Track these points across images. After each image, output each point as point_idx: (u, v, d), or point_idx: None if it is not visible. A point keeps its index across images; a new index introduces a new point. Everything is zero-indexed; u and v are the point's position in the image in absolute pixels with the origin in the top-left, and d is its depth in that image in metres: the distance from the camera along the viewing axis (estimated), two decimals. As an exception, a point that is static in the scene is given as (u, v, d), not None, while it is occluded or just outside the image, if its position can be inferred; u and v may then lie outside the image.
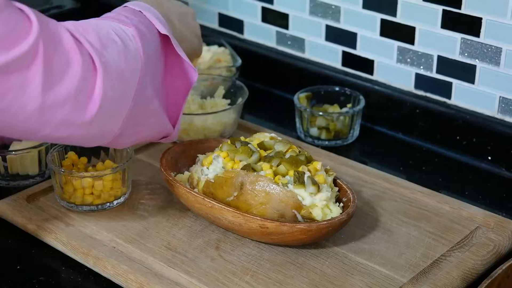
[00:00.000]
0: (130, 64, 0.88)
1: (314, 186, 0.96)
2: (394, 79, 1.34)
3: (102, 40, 0.86)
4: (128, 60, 0.88)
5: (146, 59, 0.91)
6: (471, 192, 1.17)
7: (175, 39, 0.99)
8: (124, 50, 0.88)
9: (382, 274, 0.95)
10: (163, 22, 0.98)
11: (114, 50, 0.87)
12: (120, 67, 0.86)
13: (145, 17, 0.96)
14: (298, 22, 1.44)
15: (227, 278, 0.94)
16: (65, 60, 0.80)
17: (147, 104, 0.92)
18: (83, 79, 0.81)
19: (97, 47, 0.84)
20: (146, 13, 0.96)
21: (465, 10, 1.21)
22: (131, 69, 0.88)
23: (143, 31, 0.93)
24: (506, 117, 1.23)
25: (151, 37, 0.94)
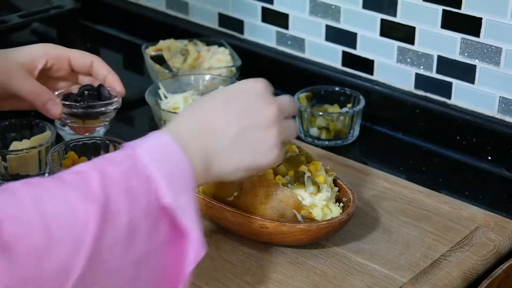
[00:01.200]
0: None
1: (314, 186, 0.96)
2: (394, 79, 1.34)
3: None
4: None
5: (104, 246, 0.65)
6: (471, 192, 1.17)
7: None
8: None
9: (382, 274, 0.95)
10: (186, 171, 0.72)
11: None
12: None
13: (147, 176, 0.69)
14: (298, 22, 1.44)
15: (227, 278, 0.94)
16: None
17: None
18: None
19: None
20: (151, 169, 0.70)
21: (465, 10, 1.21)
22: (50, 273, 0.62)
23: (115, 207, 0.66)
24: (506, 117, 1.23)
25: (137, 208, 0.68)
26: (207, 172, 0.77)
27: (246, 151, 0.80)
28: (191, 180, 0.72)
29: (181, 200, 0.70)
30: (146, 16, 1.69)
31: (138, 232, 0.67)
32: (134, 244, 0.67)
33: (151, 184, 0.69)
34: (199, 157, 0.75)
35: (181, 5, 1.64)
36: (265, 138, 0.81)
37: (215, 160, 0.77)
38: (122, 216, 0.66)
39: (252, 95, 0.83)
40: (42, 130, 1.18)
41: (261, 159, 0.81)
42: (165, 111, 1.24)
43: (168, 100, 1.28)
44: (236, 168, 0.80)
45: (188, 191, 0.71)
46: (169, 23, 1.64)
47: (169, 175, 0.70)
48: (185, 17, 1.64)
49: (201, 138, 0.77)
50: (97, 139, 1.12)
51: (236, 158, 0.79)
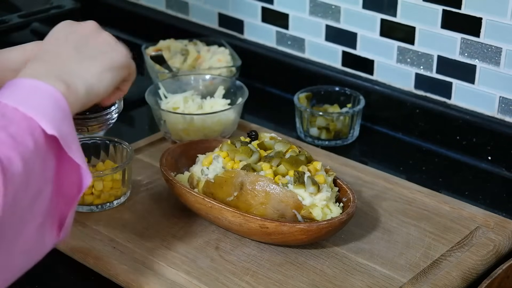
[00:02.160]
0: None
1: (314, 186, 0.96)
2: (394, 79, 1.34)
3: None
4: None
5: (9, 199, 0.67)
6: (471, 192, 1.17)
7: (81, 91, 0.79)
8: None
9: (382, 274, 0.95)
10: (58, 99, 0.75)
11: None
12: None
13: (23, 116, 0.71)
14: (298, 22, 1.44)
15: (227, 278, 0.94)
16: None
17: (6, 252, 0.70)
18: None
19: None
20: (23, 109, 0.72)
21: (465, 10, 1.21)
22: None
23: (7, 160, 0.68)
24: (506, 117, 1.23)
25: (28, 148, 0.70)
26: (75, 89, 0.78)
27: (92, 54, 0.84)
28: (64, 105, 0.75)
29: (63, 129, 0.73)
30: (146, 16, 1.69)
31: (33, 172, 0.70)
32: (31, 185, 0.70)
33: (30, 122, 0.71)
34: (58, 81, 0.77)
35: (181, 5, 1.64)
36: (101, 40, 0.87)
37: (74, 77, 0.79)
38: (17, 166, 0.68)
39: (64, 26, 0.88)
40: (42, 130, 1.18)
41: (112, 55, 0.86)
42: (165, 111, 1.24)
43: (168, 100, 1.28)
44: (96, 71, 0.82)
45: (65, 118, 0.74)
46: (169, 23, 1.64)
47: (42, 108, 0.73)
48: (185, 17, 1.64)
49: (50, 66, 0.80)
50: (97, 139, 1.12)
51: (88, 64, 0.82)
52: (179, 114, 1.23)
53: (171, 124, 1.23)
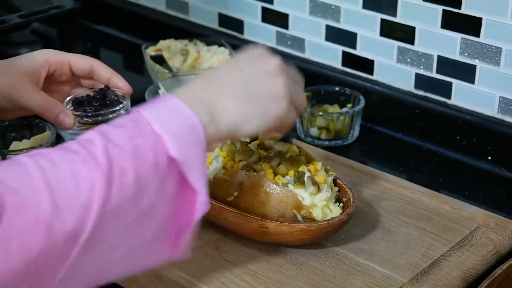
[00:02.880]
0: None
1: (314, 186, 0.96)
2: (394, 79, 1.34)
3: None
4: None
5: (112, 207, 0.67)
6: (471, 192, 1.17)
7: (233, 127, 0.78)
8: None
9: (382, 274, 0.95)
10: (192, 128, 0.73)
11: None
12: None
13: (152, 132, 0.71)
14: (298, 22, 1.44)
15: (227, 278, 0.94)
16: None
17: (100, 258, 0.70)
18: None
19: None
20: (156, 126, 0.72)
21: (465, 10, 1.21)
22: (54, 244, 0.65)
23: (120, 170, 0.68)
24: (506, 117, 1.23)
25: (147, 164, 0.70)
26: (216, 124, 0.77)
27: (252, 99, 0.80)
28: (199, 132, 0.73)
29: (189, 154, 0.72)
30: (146, 16, 1.69)
31: (146, 189, 0.69)
32: (141, 201, 0.69)
33: (157, 139, 0.71)
34: (204, 110, 0.76)
35: (181, 5, 1.64)
36: (270, 85, 0.82)
37: (222, 111, 0.78)
38: (129, 177, 0.68)
39: (253, 53, 0.85)
40: (42, 130, 1.18)
41: (270, 106, 0.81)
42: (165, 111, 1.24)
43: (168, 100, 1.28)
44: (244, 116, 0.80)
45: (196, 144, 0.73)
46: (169, 23, 1.64)
47: (175, 129, 0.72)
48: (185, 17, 1.64)
49: (205, 93, 0.78)
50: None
51: (243, 106, 0.80)
52: (179, 114, 1.23)
53: (171, 124, 1.23)
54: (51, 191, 0.64)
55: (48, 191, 0.64)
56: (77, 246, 0.66)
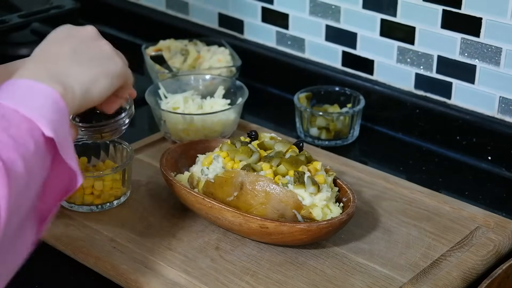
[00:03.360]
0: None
1: (314, 186, 0.96)
2: (394, 79, 1.34)
3: None
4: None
5: (13, 201, 0.67)
6: (471, 192, 1.17)
7: (79, 91, 0.80)
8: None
9: (382, 274, 0.95)
10: (57, 103, 0.75)
11: None
12: None
13: (23, 118, 0.71)
14: (298, 22, 1.44)
15: (227, 278, 0.94)
16: None
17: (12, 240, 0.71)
18: None
19: None
20: (23, 111, 0.71)
21: (465, 10, 1.21)
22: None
23: (10, 160, 0.68)
24: (506, 117, 1.23)
25: (29, 150, 0.70)
26: (71, 91, 0.79)
27: (91, 62, 0.84)
28: (62, 105, 0.75)
29: (60, 131, 0.73)
30: (146, 16, 1.69)
31: (33, 174, 0.70)
32: (32, 186, 0.71)
33: (31, 124, 0.71)
34: (55, 81, 0.77)
35: (181, 5, 1.64)
36: (99, 47, 0.87)
37: (70, 78, 0.80)
38: (19, 165, 0.68)
39: (63, 28, 0.89)
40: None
41: (109, 64, 0.86)
42: (165, 111, 1.24)
43: (168, 100, 1.28)
44: (91, 78, 0.83)
45: (63, 118, 0.75)
46: (169, 23, 1.64)
47: (41, 109, 0.72)
48: (185, 17, 1.64)
49: (47, 66, 0.80)
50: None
51: (86, 69, 0.83)
52: (179, 114, 1.23)
53: (171, 124, 1.23)
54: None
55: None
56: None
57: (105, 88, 0.85)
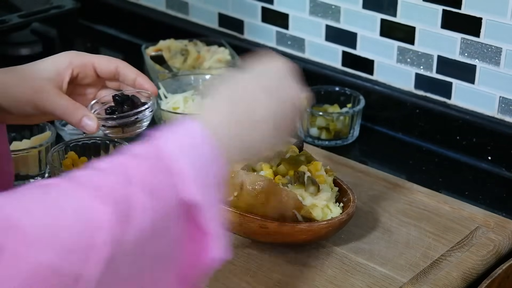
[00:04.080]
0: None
1: (314, 186, 0.96)
2: (394, 79, 1.34)
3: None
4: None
5: (125, 249, 0.61)
6: (471, 192, 1.17)
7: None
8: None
9: (382, 274, 0.95)
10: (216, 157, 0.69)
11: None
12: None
13: (171, 175, 0.66)
14: (298, 22, 1.44)
15: (227, 278, 0.94)
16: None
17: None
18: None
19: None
20: (180, 164, 0.66)
21: (465, 10, 1.21)
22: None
23: (132, 208, 0.62)
24: (506, 117, 1.23)
25: (165, 203, 0.65)
26: (238, 158, 0.74)
27: (275, 134, 0.77)
28: (220, 173, 0.69)
29: (208, 200, 0.67)
30: (146, 16, 1.69)
31: (159, 230, 0.64)
32: (154, 242, 0.64)
33: (175, 179, 0.65)
34: (233, 155, 0.72)
35: (181, 5, 1.64)
36: (293, 121, 0.81)
37: (247, 152, 0.75)
38: (142, 216, 0.62)
39: (274, 72, 0.83)
40: (42, 130, 1.18)
41: (281, 135, 0.79)
42: (165, 111, 1.24)
43: (168, 100, 1.28)
44: (266, 146, 0.76)
45: (214, 186, 0.68)
46: (169, 23, 1.64)
47: (195, 168, 0.66)
48: (185, 17, 1.64)
49: (236, 130, 0.74)
50: (97, 139, 1.12)
51: (266, 142, 0.76)
52: (179, 114, 1.23)
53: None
54: (54, 233, 0.58)
55: (51, 233, 0.58)
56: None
57: (268, 146, 0.77)
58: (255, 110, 0.76)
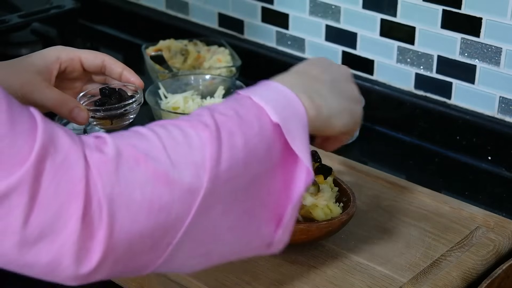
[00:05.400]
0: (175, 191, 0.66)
1: (314, 186, 0.96)
2: (394, 79, 1.34)
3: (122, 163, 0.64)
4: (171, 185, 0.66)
5: (224, 167, 0.68)
6: (471, 192, 1.17)
7: (323, 115, 0.78)
8: (166, 174, 0.65)
9: (382, 274, 0.95)
10: (290, 102, 0.75)
11: (140, 175, 0.64)
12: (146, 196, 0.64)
13: (253, 104, 0.73)
14: (298, 22, 1.44)
15: (227, 278, 0.94)
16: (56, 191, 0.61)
17: (216, 220, 0.70)
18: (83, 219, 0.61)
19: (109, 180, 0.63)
20: (255, 98, 0.73)
21: (465, 10, 1.21)
22: (179, 196, 0.66)
23: (228, 133, 0.69)
24: (506, 117, 1.23)
25: (253, 130, 0.71)
26: (317, 108, 0.78)
27: (343, 96, 0.83)
28: (300, 109, 0.75)
29: (291, 125, 0.73)
30: (146, 16, 1.69)
31: (253, 154, 0.71)
32: (250, 166, 0.70)
33: (260, 109, 0.73)
34: (302, 92, 0.77)
35: (181, 5, 1.64)
36: (352, 88, 0.86)
37: (321, 98, 0.79)
38: (237, 140, 0.70)
39: (323, 59, 0.89)
40: (42, 130, 1.18)
41: (356, 106, 0.85)
42: (165, 111, 1.24)
43: (168, 100, 1.28)
44: (339, 109, 0.81)
45: (297, 118, 0.74)
46: (169, 23, 1.64)
47: (275, 102, 0.73)
48: (185, 17, 1.64)
49: (302, 81, 0.80)
50: (97, 139, 1.12)
51: (338, 99, 0.82)
52: (179, 114, 1.23)
53: (171, 124, 1.23)
54: (166, 149, 0.66)
55: (163, 148, 0.66)
56: (195, 203, 0.66)
57: (346, 124, 0.83)
58: (315, 73, 0.83)
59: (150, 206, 0.64)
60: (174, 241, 0.66)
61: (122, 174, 0.63)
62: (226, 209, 0.70)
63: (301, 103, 0.75)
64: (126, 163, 0.64)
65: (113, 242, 0.62)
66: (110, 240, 0.62)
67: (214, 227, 0.70)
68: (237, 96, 0.75)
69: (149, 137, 0.67)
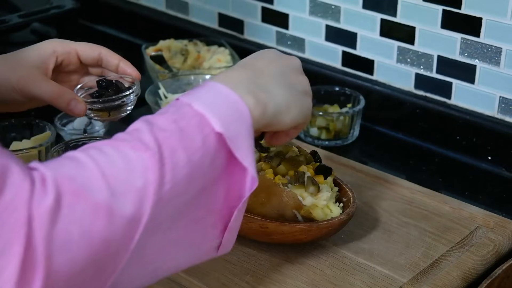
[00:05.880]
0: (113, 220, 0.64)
1: (314, 186, 0.96)
2: (394, 79, 1.34)
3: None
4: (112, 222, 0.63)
5: (167, 188, 0.67)
6: (471, 192, 1.17)
7: (275, 110, 0.79)
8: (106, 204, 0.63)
9: (382, 274, 0.95)
10: (238, 106, 0.74)
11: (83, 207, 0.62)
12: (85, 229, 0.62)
13: (195, 113, 0.72)
14: (298, 22, 1.44)
15: (227, 278, 0.94)
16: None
17: (162, 238, 0.70)
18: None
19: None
20: (196, 106, 0.72)
21: (465, 10, 1.21)
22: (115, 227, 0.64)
23: (169, 151, 0.68)
24: (506, 117, 1.23)
25: (195, 144, 0.70)
26: (262, 106, 0.77)
27: (291, 89, 0.82)
28: (244, 111, 0.74)
29: (234, 131, 0.72)
30: (146, 16, 1.69)
31: (197, 168, 0.70)
32: (194, 180, 0.70)
33: (201, 118, 0.71)
34: (247, 91, 0.76)
35: (181, 5, 1.64)
36: (302, 80, 0.84)
37: (267, 95, 0.78)
38: (180, 155, 0.68)
39: (272, 52, 0.87)
40: (42, 130, 1.18)
41: (304, 100, 0.84)
42: (165, 111, 1.24)
43: (168, 100, 1.28)
44: (287, 104, 0.81)
45: (241, 122, 0.73)
46: (169, 23, 1.64)
47: (216, 107, 0.72)
48: (185, 17, 1.64)
49: (247, 75, 0.79)
50: (97, 139, 1.12)
51: (286, 94, 0.81)
52: (179, 114, 1.23)
53: (171, 124, 1.23)
54: (106, 178, 0.64)
55: (103, 177, 0.64)
56: (138, 231, 0.65)
57: (294, 119, 0.82)
58: (262, 66, 0.82)
59: (89, 242, 0.62)
60: (118, 268, 0.65)
61: (62, 213, 0.61)
62: (170, 226, 0.69)
63: (245, 104, 0.74)
64: (66, 201, 0.61)
65: (51, 282, 0.60)
66: (47, 281, 0.59)
67: (159, 245, 0.69)
68: (177, 103, 0.73)
69: (87, 164, 0.65)
